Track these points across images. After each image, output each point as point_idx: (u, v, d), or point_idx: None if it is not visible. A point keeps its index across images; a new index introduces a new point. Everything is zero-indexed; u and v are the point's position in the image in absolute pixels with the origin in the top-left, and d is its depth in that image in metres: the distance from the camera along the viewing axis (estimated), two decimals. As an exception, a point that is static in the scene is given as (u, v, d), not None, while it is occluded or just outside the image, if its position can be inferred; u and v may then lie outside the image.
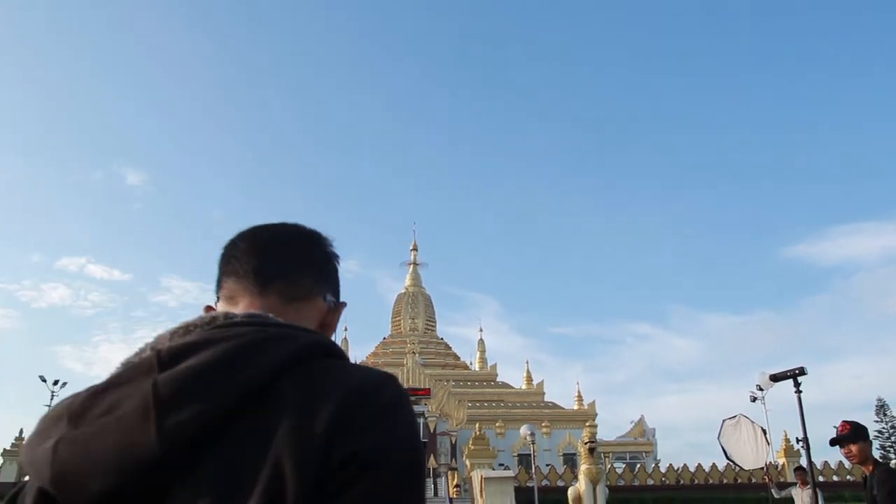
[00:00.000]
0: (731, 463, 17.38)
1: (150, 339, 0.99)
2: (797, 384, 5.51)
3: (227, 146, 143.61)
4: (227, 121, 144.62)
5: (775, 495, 15.42)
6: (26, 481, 0.92)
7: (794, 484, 14.99)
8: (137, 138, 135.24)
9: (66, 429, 0.87)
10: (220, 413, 0.85)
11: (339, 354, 1.00)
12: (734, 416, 15.70)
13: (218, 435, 0.85)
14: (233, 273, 1.15)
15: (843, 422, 5.03)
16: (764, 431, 15.58)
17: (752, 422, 15.54)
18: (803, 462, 18.13)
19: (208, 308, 1.17)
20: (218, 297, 1.18)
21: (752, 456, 15.31)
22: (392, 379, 0.95)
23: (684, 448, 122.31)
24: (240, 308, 1.10)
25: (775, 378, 5.63)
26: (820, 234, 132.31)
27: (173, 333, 0.98)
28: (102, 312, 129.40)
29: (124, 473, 0.82)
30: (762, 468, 17.72)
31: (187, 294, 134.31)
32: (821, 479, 33.56)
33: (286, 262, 1.15)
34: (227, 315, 1.01)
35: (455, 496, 33.61)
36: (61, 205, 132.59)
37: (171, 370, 0.88)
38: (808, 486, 13.61)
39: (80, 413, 0.88)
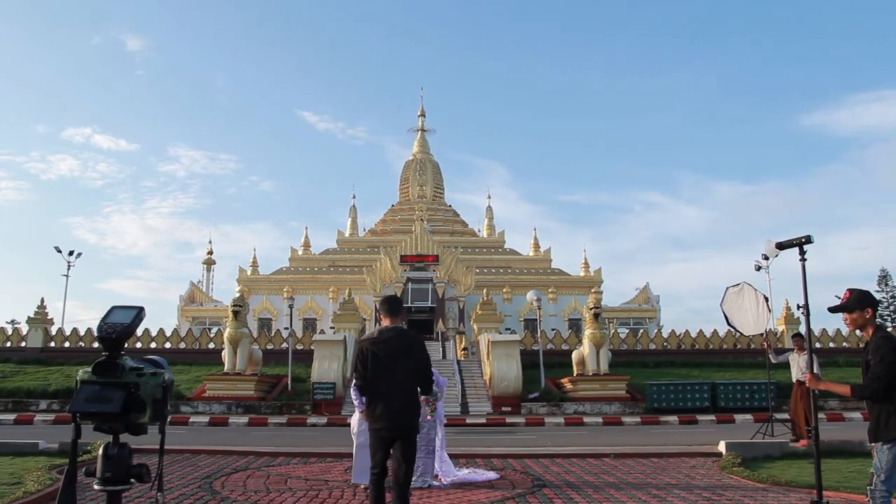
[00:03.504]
0: (731, 329, 17.74)
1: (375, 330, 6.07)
2: (802, 252, 5.50)
3: (227, 11, 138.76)
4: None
5: (773, 360, 15.86)
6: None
7: (791, 350, 15.39)
8: (133, 1, 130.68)
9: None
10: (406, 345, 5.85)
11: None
12: (738, 284, 15.88)
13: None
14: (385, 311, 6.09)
15: (848, 289, 5.05)
16: (766, 299, 15.80)
17: (755, 289, 15.73)
18: (802, 329, 18.50)
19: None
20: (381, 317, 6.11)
21: (752, 322, 15.60)
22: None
23: (687, 315, 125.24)
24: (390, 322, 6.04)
25: (781, 246, 5.61)
26: (838, 101, 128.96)
27: (385, 329, 5.98)
28: (112, 183, 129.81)
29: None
30: (762, 334, 18.14)
31: (195, 163, 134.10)
32: (817, 345, 34.45)
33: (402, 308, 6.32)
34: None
35: (463, 358, 34.77)
36: (61, 73, 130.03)
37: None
38: (805, 352, 13.99)
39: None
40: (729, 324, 16.20)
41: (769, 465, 10.90)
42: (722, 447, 12.04)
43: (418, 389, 5.90)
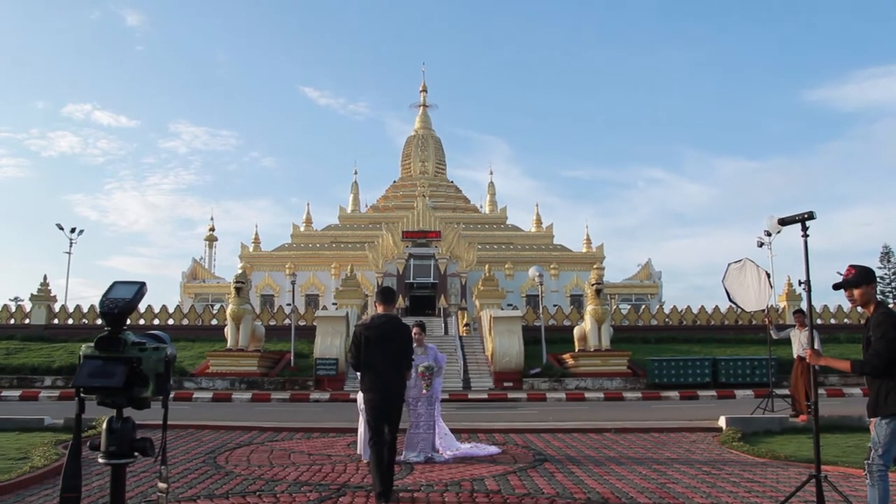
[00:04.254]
0: (733, 305, 17.78)
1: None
2: (805, 228, 5.49)
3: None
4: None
5: (774, 336, 15.89)
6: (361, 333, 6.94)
7: (792, 326, 15.41)
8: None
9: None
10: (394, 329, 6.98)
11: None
12: (740, 260, 15.87)
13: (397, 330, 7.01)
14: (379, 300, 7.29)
15: (850, 266, 5.05)
16: (768, 275, 15.79)
17: (757, 265, 15.72)
18: (804, 305, 18.53)
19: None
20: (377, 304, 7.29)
21: (754, 298, 15.61)
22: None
23: (689, 291, 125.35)
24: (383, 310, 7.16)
25: (783, 222, 5.60)
26: (845, 77, 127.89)
27: (378, 316, 7.07)
28: (113, 160, 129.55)
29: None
30: (763, 310, 18.16)
31: (196, 139, 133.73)
32: (819, 321, 34.52)
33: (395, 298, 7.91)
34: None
35: (465, 334, 34.87)
36: (60, 48, 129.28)
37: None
38: (806, 328, 14.01)
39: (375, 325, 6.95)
40: (731, 300, 16.22)
41: (769, 439, 10.97)
42: (722, 422, 12.12)
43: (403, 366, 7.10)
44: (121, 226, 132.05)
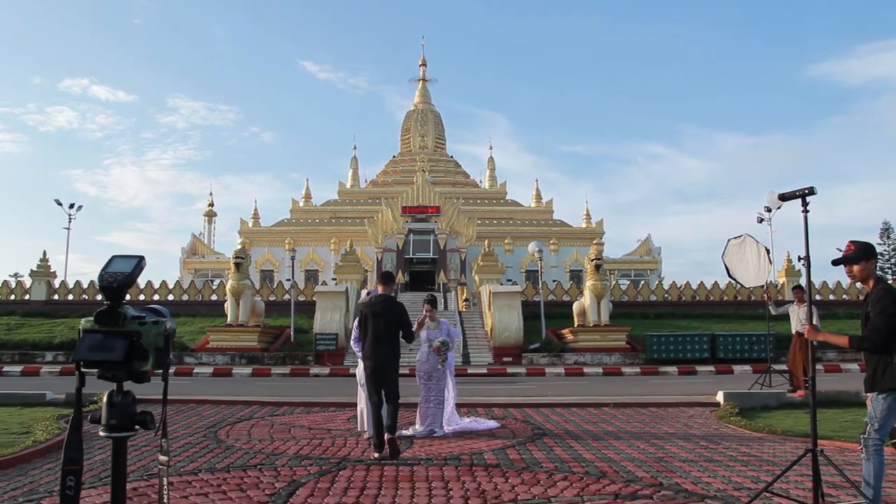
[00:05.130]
0: (732, 281, 17.81)
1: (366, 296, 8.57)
2: (805, 204, 5.47)
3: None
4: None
5: (773, 312, 15.93)
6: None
7: (791, 302, 15.45)
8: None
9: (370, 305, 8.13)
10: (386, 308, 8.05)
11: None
12: (740, 236, 15.86)
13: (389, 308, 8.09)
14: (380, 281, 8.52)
15: (850, 242, 5.04)
16: (767, 251, 15.79)
17: (757, 241, 15.72)
18: (803, 281, 18.54)
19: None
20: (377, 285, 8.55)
21: (753, 274, 15.62)
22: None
23: (689, 267, 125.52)
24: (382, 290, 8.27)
25: (783, 197, 5.57)
26: (848, 51, 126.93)
27: (376, 295, 8.18)
28: (111, 135, 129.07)
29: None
30: (762, 286, 18.19)
31: (195, 114, 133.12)
32: (818, 297, 34.58)
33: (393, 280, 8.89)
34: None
35: (464, 310, 34.95)
36: (57, 22, 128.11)
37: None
38: (805, 304, 14.03)
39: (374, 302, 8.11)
40: (730, 275, 16.24)
41: (766, 414, 11.04)
42: (720, 397, 12.18)
43: (400, 340, 8.12)
44: (120, 201, 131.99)
